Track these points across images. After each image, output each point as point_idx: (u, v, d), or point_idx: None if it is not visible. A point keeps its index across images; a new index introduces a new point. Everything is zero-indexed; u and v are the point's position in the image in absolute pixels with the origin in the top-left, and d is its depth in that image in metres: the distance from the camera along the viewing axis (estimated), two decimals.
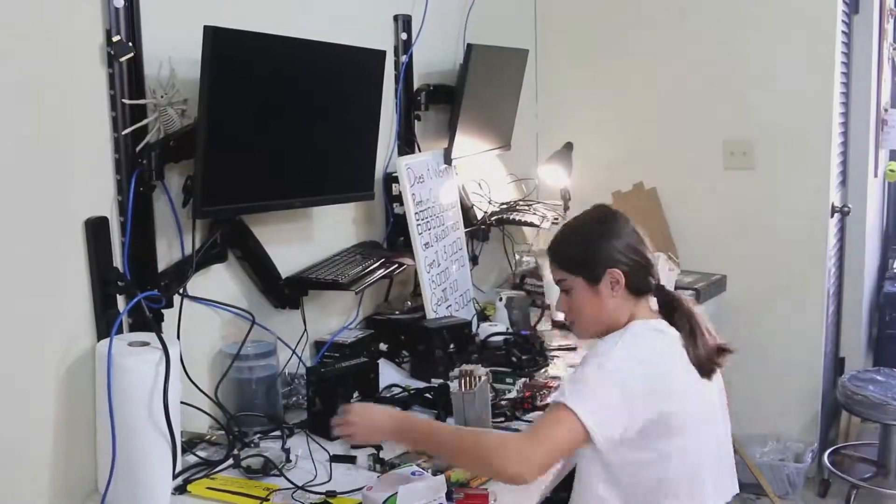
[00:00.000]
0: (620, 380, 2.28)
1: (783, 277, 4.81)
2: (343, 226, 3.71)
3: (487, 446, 2.31)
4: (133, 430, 2.38)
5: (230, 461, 2.67)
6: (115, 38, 2.52)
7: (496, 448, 2.27)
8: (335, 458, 2.72)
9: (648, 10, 4.98)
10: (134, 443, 2.39)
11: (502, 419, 3.00)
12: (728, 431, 2.59)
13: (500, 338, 3.72)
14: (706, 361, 2.45)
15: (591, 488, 2.42)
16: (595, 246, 2.52)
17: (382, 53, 3.36)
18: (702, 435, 2.43)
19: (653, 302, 2.57)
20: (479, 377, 2.88)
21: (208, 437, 2.84)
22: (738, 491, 2.61)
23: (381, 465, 2.64)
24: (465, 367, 2.92)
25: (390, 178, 3.84)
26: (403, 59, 3.98)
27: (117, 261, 2.60)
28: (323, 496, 2.48)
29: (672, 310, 2.53)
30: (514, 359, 3.54)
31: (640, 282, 2.52)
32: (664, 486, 2.37)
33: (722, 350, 2.50)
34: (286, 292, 3.25)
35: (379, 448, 2.69)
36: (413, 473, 2.40)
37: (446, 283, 3.87)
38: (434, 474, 2.46)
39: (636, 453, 2.34)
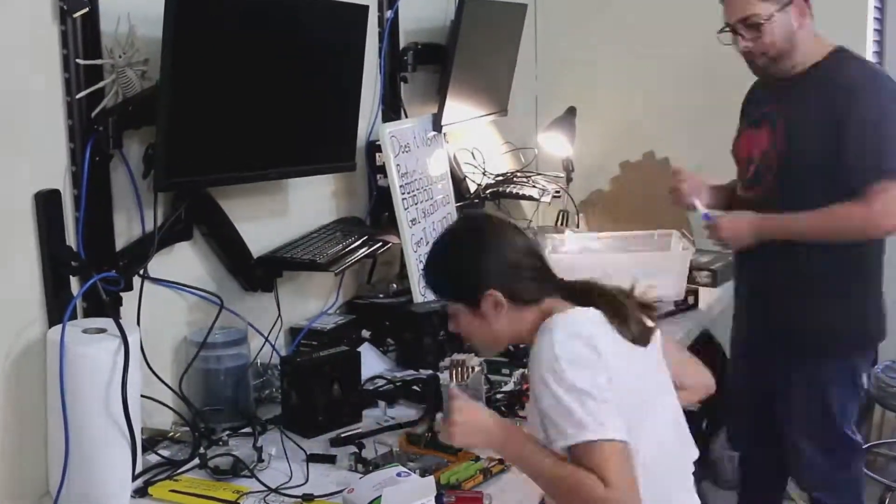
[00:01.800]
0: (589, 382, 2.23)
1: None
2: (321, 200, 3.71)
3: (586, 497, 2.29)
4: (88, 427, 2.38)
5: (196, 461, 2.68)
6: None
7: (577, 495, 2.26)
8: (312, 458, 2.73)
9: None
10: (89, 440, 2.39)
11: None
12: (676, 399, 2.58)
13: None
14: (637, 330, 2.43)
15: None
16: (466, 267, 2.44)
17: (365, 8, 3.35)
18: (657, 408, 2.43)
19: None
20: (473, 368, 2.89)
21: (171, 434, 2.84)
22: (696, 455, 2.60)
23: (364, 466, 2.65)
24: (457, 356, 2.93)
25: (373, 147, 3.84)
26: (388, 14, 3.97)
27: (70, 238, 2.60)
28: (299, 499, 2.49)
29: (587, 297, 2.47)
30: (510, 348, 3.54)
31: (531, 291, 2.44)
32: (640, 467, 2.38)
33: (644, 307, 2.49)
34: (258, 273, 3.26)
35: (361, 446, 2.70)
36: (399, 474, 2.41)
37: None
38: (423, 475, 2.47)
39: None
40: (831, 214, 3.31)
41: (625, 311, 2.42)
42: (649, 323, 2.47)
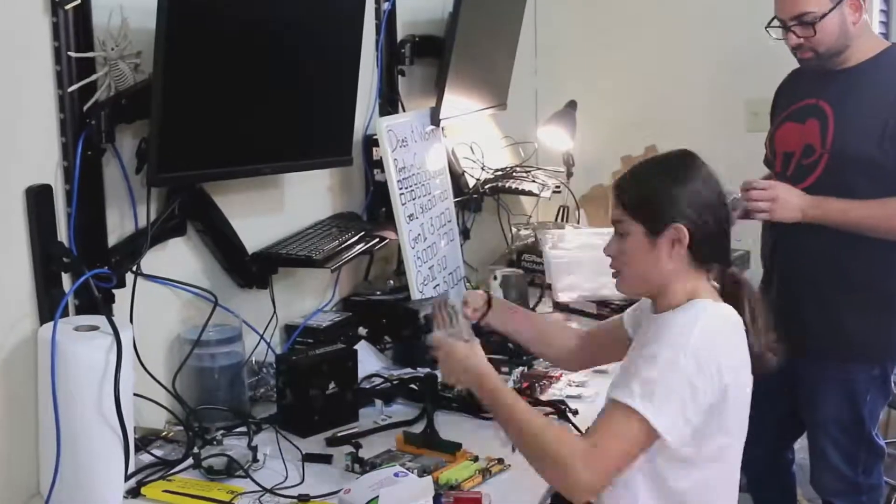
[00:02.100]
0: (693, 376, 2.26)
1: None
2: (317, 195, 3.71)
3: (549, 450, 2.27)
4: (80, 426, 2.38)
5: (189, 461, 2.68)
6: None
7: (557, 455, 2.25)
8: (308, 458, 2.73)
9: None
10: (81, 440, 2.39)
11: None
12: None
13: None
14: (758, 360, 2.45)
15: (630, 492, 2.40)
16: (665, 191, 2.43)
17: (362, 0, 3.36)
18: (742, 434, 2.45)
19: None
20: (453, 306, 2.81)
21: (165, 433, 2.85)
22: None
23: (361, 466, 2.65)
24: (436, 298, 2.86)
25: (370, 142, 3.84)
26: (385, 6, 3.97)
27: (62, 234, 2.60)
28: (295, 500, 2.49)
29: (736, 294, 2.49)
30: (510, 345, 3.54)
31: (707, 250, 2.44)
32: (707, 491, 2.39)
33: (774, 350, 2.49)
34: (253, 270, 3.26)
35: (358, 446, 2.70)
36: (396, 474, 2.41)
37: (433, 260, 3.87)
38: (421, 475, 2.47)
39: (687, 450, 2.34)
40: (887, 206, 3.30)
41: (760, 335, 2.45)
42: (770, 363, 2.48)
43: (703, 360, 2.27)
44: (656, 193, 2.44)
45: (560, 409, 3.01)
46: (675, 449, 2.29)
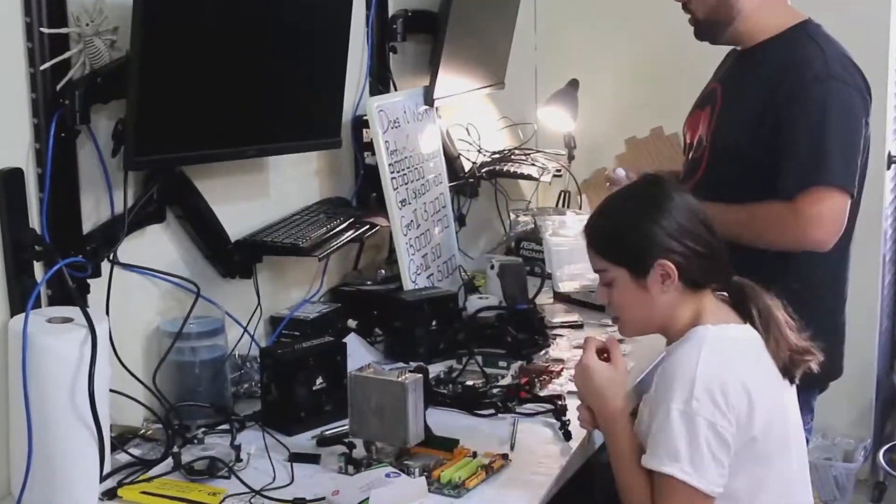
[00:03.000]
0: (711, 419, 2.29)
1: None
2: (304, 179, 3.72)
3: None
4: (53, 424, 2.38)
5: (169, 460, 2.68)
6: None
7: None
8: (295, 458, 2.74)
9: None
10: (54, 438, 2.39)
11: (493, 411, 3.02)
12: (803, 459, 2.62)
13: (492, 313, 3.73)
14: (789, 364, 2.47)
15: None
16: (642, 230, 2.45)
17: None
18: (789, 457, 2.48)
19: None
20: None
21: (143, 431, 2.85)
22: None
23: (354, 466, 2.65)
24: None
25: (360, 123, 3.84)
26: None
27: (34, 221, 2.60)
28: (290, 503, 2.49)
29: (743, 304, 2.51)
30: (508, 338, 3.55)
31: (700, 274, 2.46)
32: None
33: (806, 351, 2.50)
34: (236, 259, 3.26)
35: (352, 446, 2.70)
36: (388, 475, 2.41)
37: (427, 248, 3.87)
38: (420, 474, 2.47)
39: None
40: (754, 213, 3.12)
41: (780, 341, 2.46)
42: (805, 364, 2.50)
43: (713, 393, 2.30)
44: (633, 234, 2.47)
45: (556, 406, 3.01)
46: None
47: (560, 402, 3.03)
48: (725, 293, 2.56)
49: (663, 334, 2.56)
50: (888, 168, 4.78)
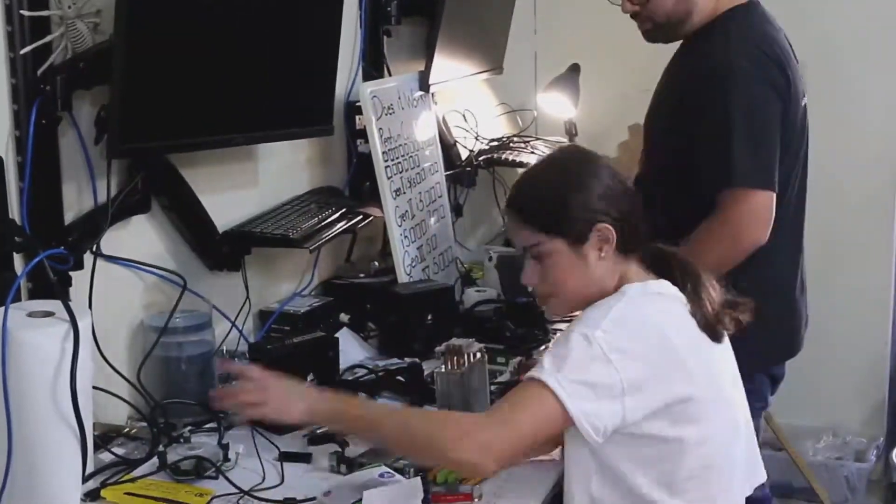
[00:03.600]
0: (615, 359, 2.26)
1: (843, 236, 4.82)
2: (294, 168, 3.71)
3: (438, 430, 2.30)
4: (33, 422, 2.37)
5: (154, 460, 2.68)
6: None
7: (449, 431, 2.27)
8: (286, 457, 2.74)
9: None
10: (34, 437, 2.38)
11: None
12: (747, 410, 2.60)
13: (490, 306, 3.74)
14: (714, 320, 2.45)
15: (582, 487, 2.40)
16: (574, 196, 2.44)
17: None
18: (719, 420, 2.44)
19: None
20: (472, 355, 2.89)
21: (127, 430, 2.85)
22: (765, 478, 2.63)
23: (348, 466, 2.65)
24: (455, 341, 2.93)
25: (353, 109, 3.84)
26: None
27: (14, 211, 2.60)
28: None
29: (666, 267, 2.52)
30: (507, 333, 3.55)
31: (631, 238, 2.46)
32: (674, 485, 2.38)
33: (733, 304, 2.50)
34: (224, 250, 3.26)
35: (344, 444, 2.70)
36: (382, 475, 2.42)
37: (422, 240, 3.88)
38: (416, 473, 2.48)
39: (638, 448, 2.33)
40: (693, 245, 3.06)
41: (703, 296, 2.45)
42: (732, 318, 2.49)
43: (626, 341, 2.29)
44: (569, 200, 2.45)
45: None
46: (619, 442, 2.30)
47: None
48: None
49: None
50: None
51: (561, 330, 3.68)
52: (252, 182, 3.47)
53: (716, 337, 2.46)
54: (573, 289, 2.48)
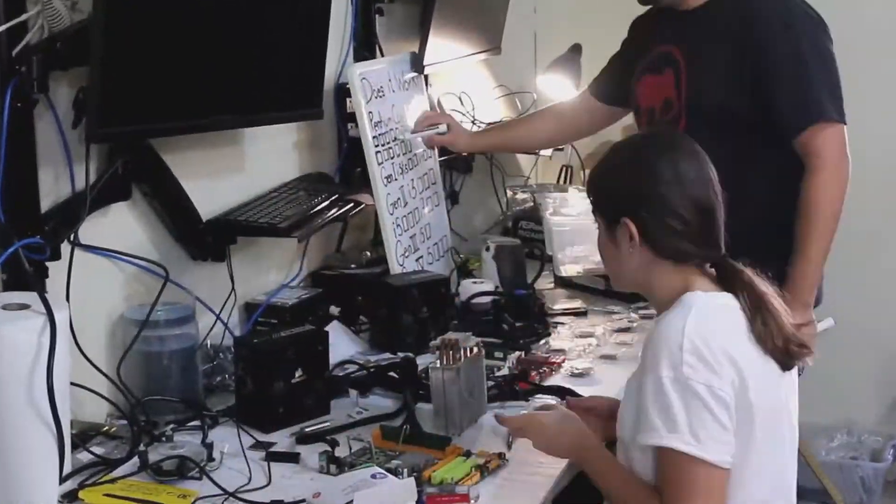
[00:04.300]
0: (707, 383, 2.28)
1: (861, 222, 4.81)
2: (282, 153, 3.71)
3: None
4: (8, 420, 2.37)
5: (135, 460, 2.67)
6: None
7: None
8: (273, 457, 2.73)
9: None
10: (9, 436, 2.38)
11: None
12: (795, 448, 2.62)
13: (488, 299, 3.74)
14: (784, 349, 2.44)
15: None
16: (620, 181, 2.52)
17: None
18: (773, 445, 2.45)
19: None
20: (470, 349, 2.89)
21: (106, 428, 2.85)
22: None
23: (338, 467, 2.65)
24: (450, 335, 2.93)
25: (343, 91, 3.84)
26: None
27: None
28: None
29: (731, 284, 2.50)
30: (505, 326, 3.55)
31: (673, 247, 2.45)
32: None
33: (803, 345, 2.49)
34: (208, 240, 3.26)
35: (334, 444, 2.70)
36: (374, 476, 2.42)
37: (416, 229, 3.88)
38: (410, 474, 2.48)
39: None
40: (809, 208, 3.32)
41: (770, 322, 2.44)
42: (800, 353, 2.49)
43: (703, 355, 2.29)
44: (610, 185, 2.56)
45: (565, 397, 3.01)
46: None
47: (568, 395, 3.04)
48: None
49: (651, 304, 2.64)
50: None
51: (562, 323, 3.70)
52: (238, 168, 3.47)
53: (783, 366, 2.46)
54: (614, 269, 2.60)
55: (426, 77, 4.12)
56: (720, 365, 2.29)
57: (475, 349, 2.91)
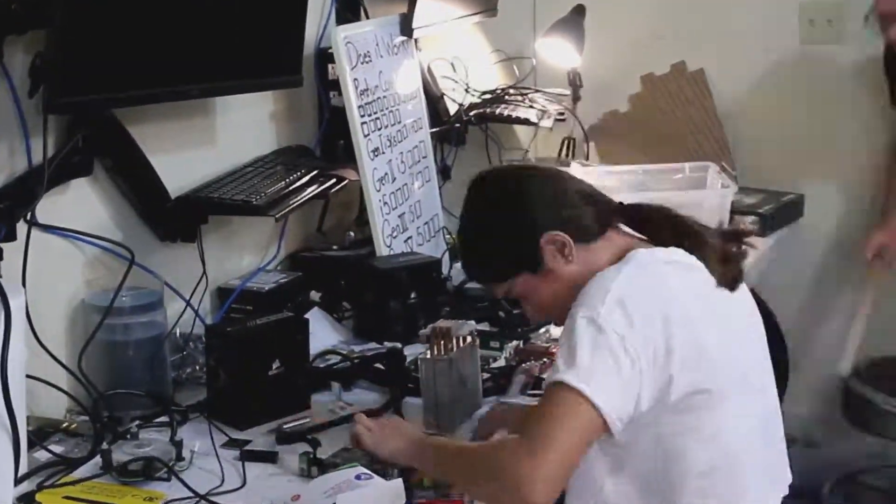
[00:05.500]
0: (621, 333, 2.27)
1: (881, 195, 4.82)
2: (258, 124, 3.72)
3: (481, 465, 2.33)
4: None
5: (98, 459, 2.67)
6: None
7: (489, 467, 2.28)
8: (248, 456, 2.74)
9: None
10: None
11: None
12: (776, 398, 2.63)
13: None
14: (723, 266, 2.49)
15: (594, 483, 2.44)
16: (512, 231, 2.56)
17: None
18: (744, 408, 2.45)
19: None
20: (463, 338, 2.90)
21: (66, 424, 2.85)
22: (790, 480, 2.64)
23: (319, 468, 2.65)
24: (442, 323, 2.93)
25: (325, 57, 3.84)
26: None
27: None
28: None
29: (648, 225, 2.58)
30: (501, 313, 3.55)
31: (591, 225, 2.54)
32: (693, 480, 2.39)
33: (735, 234, 2.58)
34: (178, 219, 3.26)
35: (316, 444, 2.70)
36: (358, 477, 2.42)
37: (405, 207, 3.88)
38: (399, 475, 2.48)
39: (654, 435, 2.36)
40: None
41: (705, 247, 2.49)
42: (739, 255, 2.55)
43: (630, 310, 2.30)
44: (508, 241, 2.59)
45: None
46: (634, 431, 2.32)
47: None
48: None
49: None
50: None
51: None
52: (209, 141, 3.47)
53: (732, 286, 2.50)
54: (560, 298, 2.52)
55: (416, 41, 4.12)
56: (644, 324, 2.29)
57: (469, 338, 2.92)
